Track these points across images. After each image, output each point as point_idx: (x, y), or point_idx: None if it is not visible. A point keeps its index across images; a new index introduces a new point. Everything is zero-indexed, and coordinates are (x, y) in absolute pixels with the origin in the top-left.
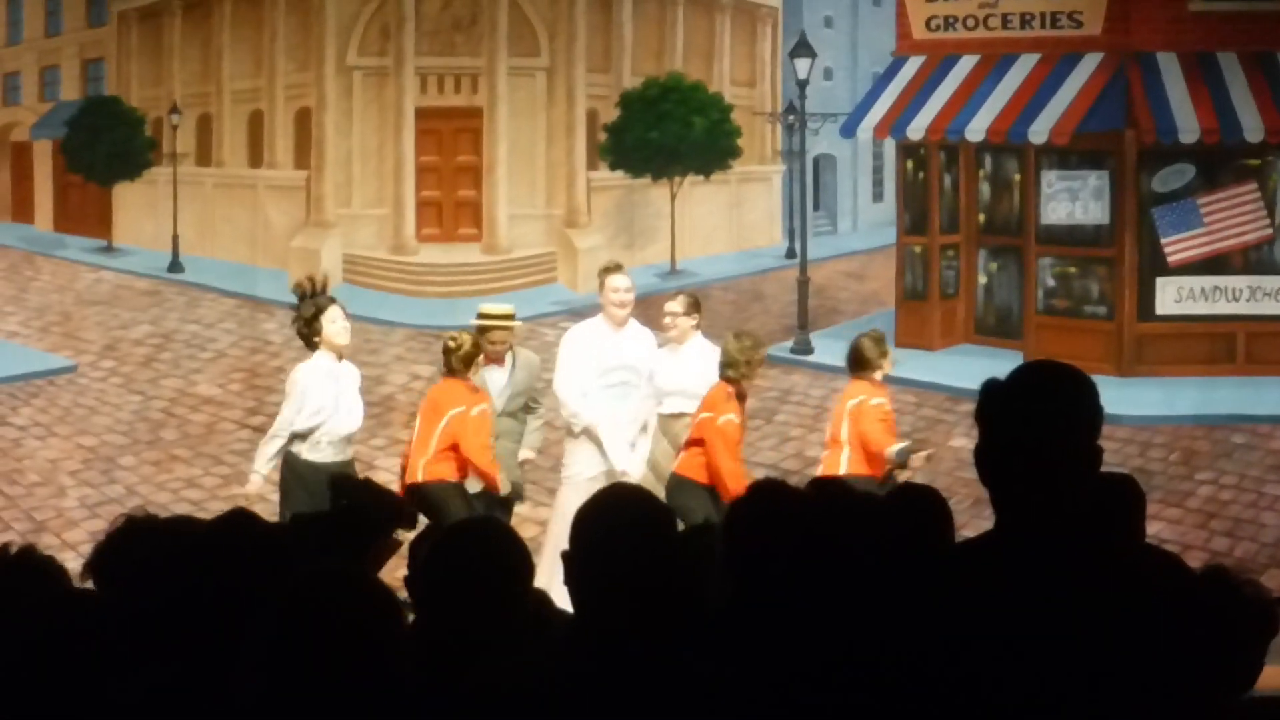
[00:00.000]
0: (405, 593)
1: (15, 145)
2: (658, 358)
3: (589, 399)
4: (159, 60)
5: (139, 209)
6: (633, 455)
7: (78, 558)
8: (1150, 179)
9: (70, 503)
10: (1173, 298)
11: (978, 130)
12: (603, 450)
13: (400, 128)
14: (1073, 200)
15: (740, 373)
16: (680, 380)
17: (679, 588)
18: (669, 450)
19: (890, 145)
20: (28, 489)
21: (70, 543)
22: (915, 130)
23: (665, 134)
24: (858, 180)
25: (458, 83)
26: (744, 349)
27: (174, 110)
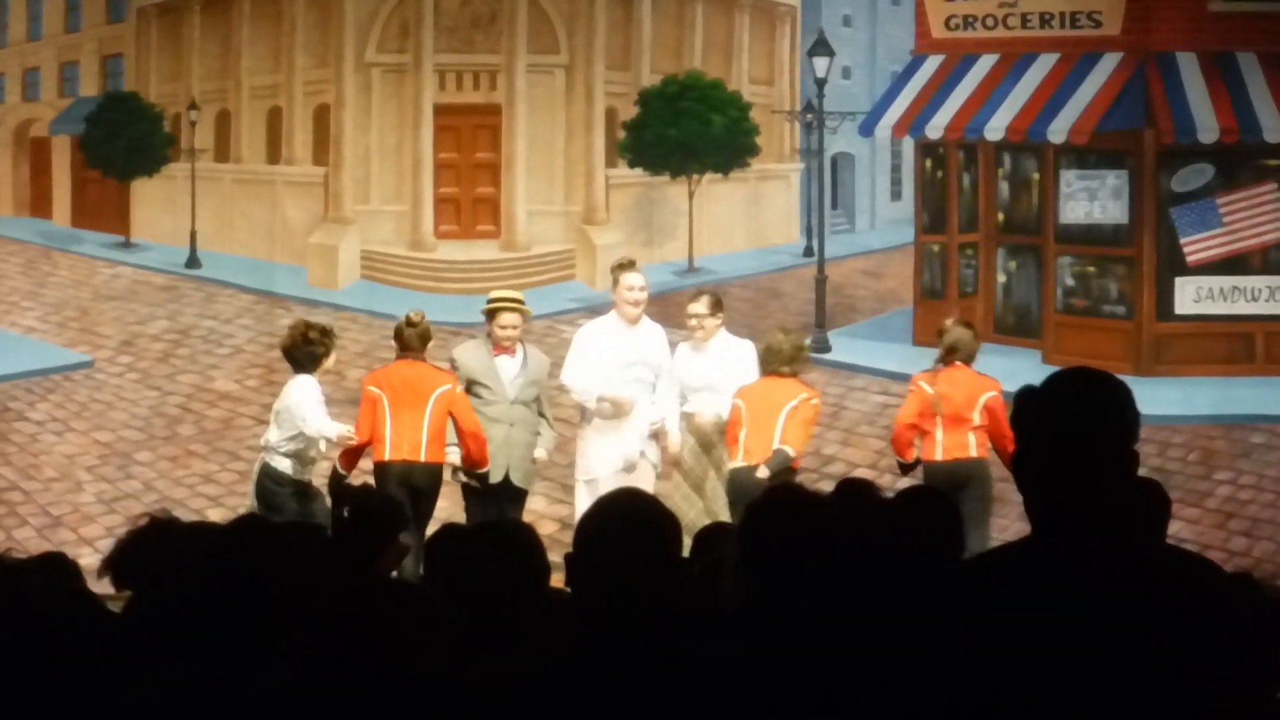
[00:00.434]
0: None
1: (34, 141)
2: (681, 355)
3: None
4: (178, 56)
5: (157, 204)
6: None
7: (94, 553)
8: (1169, 178)
9: (87, 498)
10: (1191, 297)
11: (997, 129)
12: (616, 445)
13: (419, 124)
14: (1091, 199)
15: (795, 368)
16: (706, 377)
17: (684, 591)
18: (695, 447)
19: (909, 144)
20: (44, 484)
21: (86, 538)
22: (934, 129)
23: (684, 131)
24: (876, 179)
25: (476, 79)
26: (795, 344)
27: (192, 106)
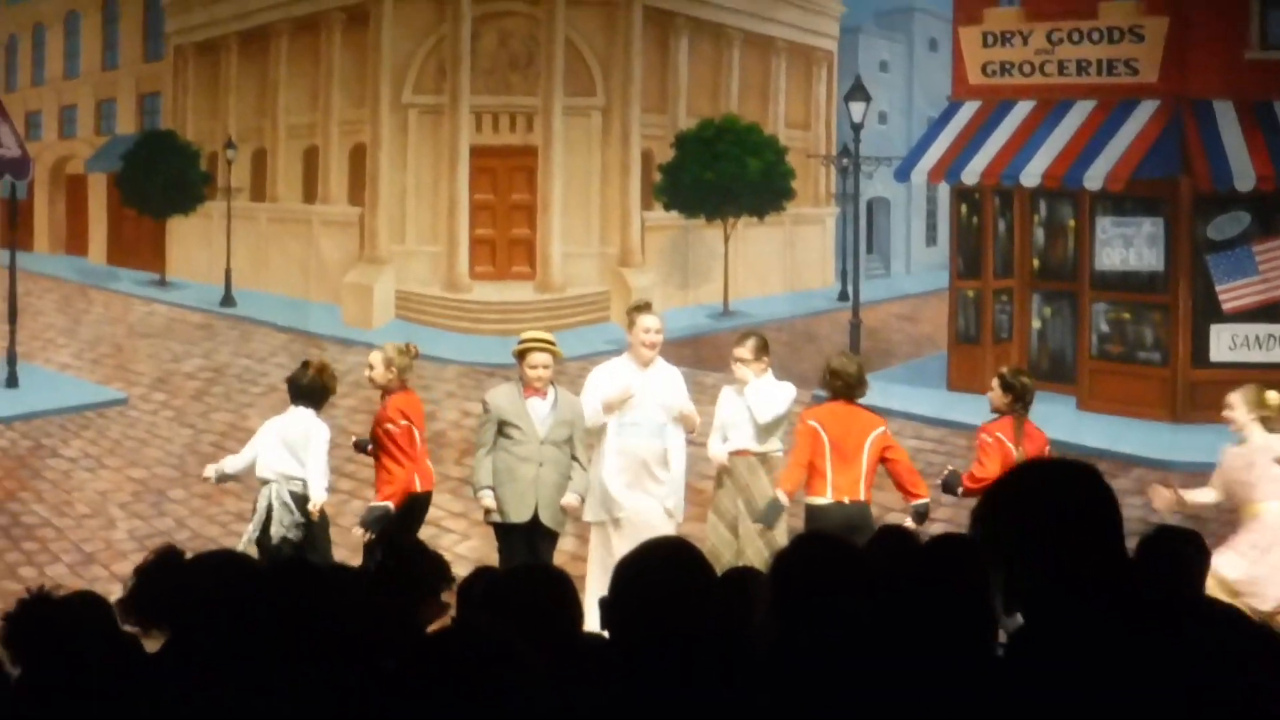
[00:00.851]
0: None
1: (71, 178)
2: (725, 397)
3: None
4: (215, 94)
5: (193, 242)
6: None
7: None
8: (1205, 225)
9: (120, 535)
10: (1227, 344)
11: (1033, 175)
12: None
13: (455, 165)
14: (1127, 246)
15: (860, 392)
16: (747, 419)
17: (718, 634)
18: (730, 488)
19: (944, 189)
20: (77, 520)
21: (119, 575)
22: (970, 174)
23: (720, 174)
24: (911, 223)
25: (513, 121)
26: (861, 365)
27: (229, 144)
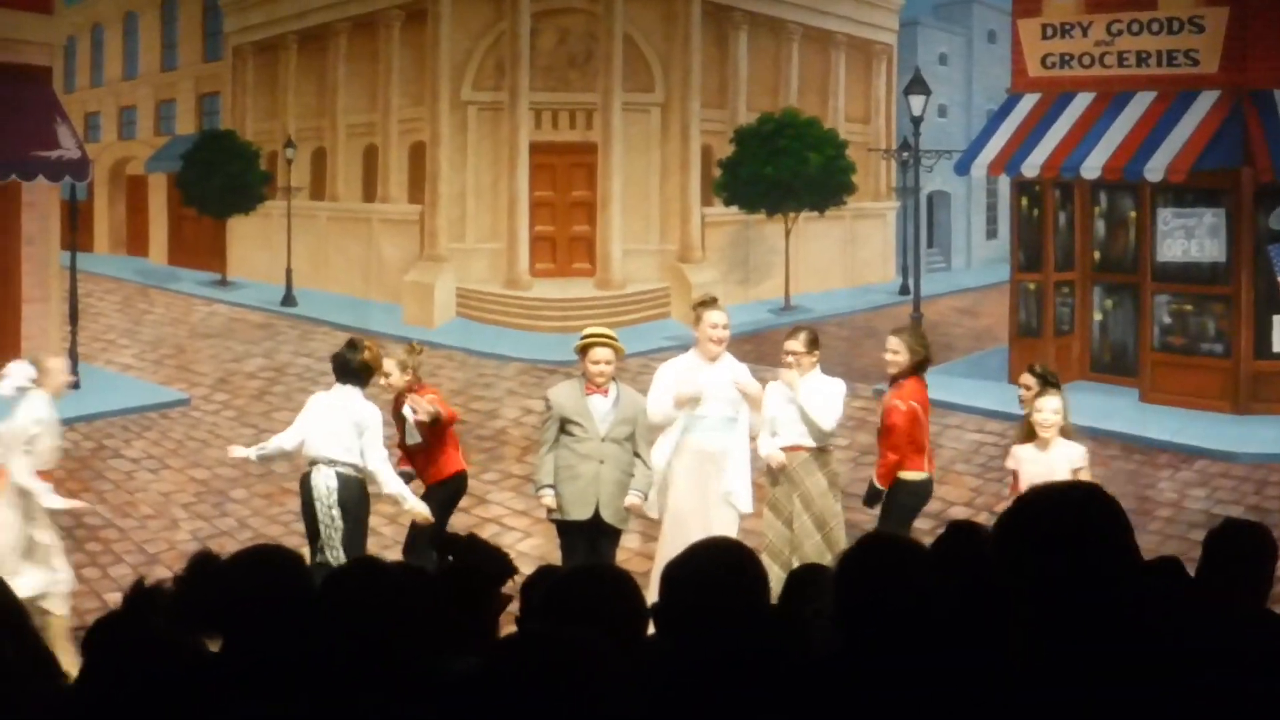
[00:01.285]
0: None
1: (131, 179)
2: (774, 391)
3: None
4: (274, 94)
5: (253, 242)
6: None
7: None
8: (1267, 216)
9: (182, 535)
10: None
11: (1093, 167)
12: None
13: (514, 163)
14: (1189, 238)
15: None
16: (797, 413)
17: (771, 638)
18: (786, 485)
19: (1005, 182)
20: (140, 521)
21: None
22: (1030, 167)
23: (780, 170)
24: (971, 217)
25: (572, 118)
26: (925, 340)
27: (288, 144)
